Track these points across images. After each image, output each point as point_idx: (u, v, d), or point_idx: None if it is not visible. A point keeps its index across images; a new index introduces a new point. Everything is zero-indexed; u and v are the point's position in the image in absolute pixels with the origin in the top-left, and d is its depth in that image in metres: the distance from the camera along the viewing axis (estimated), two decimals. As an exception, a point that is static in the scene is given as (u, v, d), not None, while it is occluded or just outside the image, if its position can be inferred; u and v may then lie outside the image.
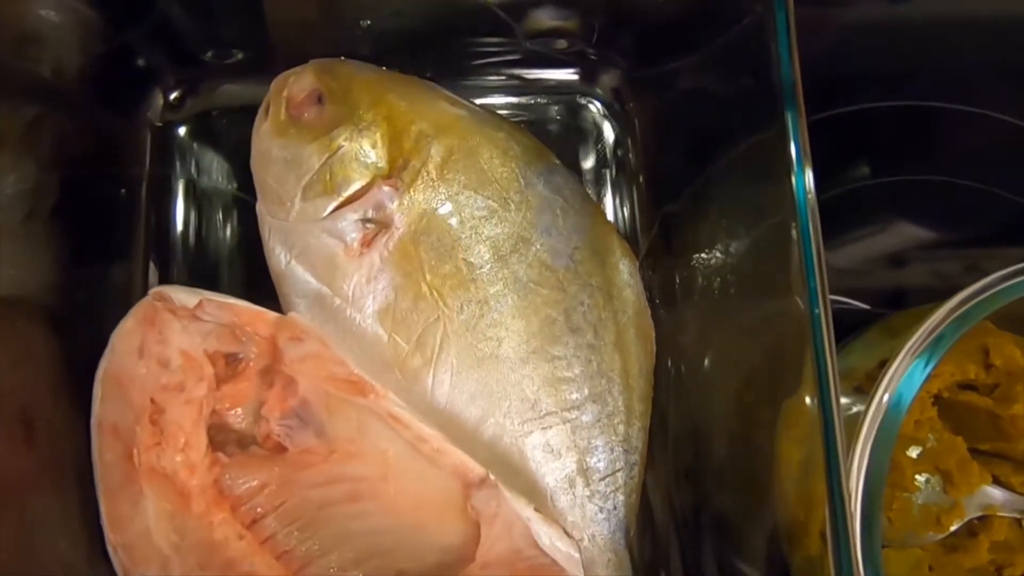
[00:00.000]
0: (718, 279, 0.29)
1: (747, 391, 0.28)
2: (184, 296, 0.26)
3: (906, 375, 0.24)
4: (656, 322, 0.31)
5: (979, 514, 0.26)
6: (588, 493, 0.29)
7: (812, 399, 0.22)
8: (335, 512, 0.28)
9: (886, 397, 0.24)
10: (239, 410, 0.29)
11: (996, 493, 0.26)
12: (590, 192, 0.33)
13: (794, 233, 0.22)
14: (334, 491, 0.28)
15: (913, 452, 0.27)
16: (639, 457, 0.30)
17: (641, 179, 0.34)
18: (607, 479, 0.29)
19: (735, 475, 0.29)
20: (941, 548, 0.28)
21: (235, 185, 0.32)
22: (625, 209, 0.34)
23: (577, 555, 0.26)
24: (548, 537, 0.26)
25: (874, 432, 0.24)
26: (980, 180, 0.37)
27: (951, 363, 0.27)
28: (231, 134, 0.32)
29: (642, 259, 0.33)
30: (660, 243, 0.34)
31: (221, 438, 0.29)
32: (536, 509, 0.25)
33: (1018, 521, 0.28)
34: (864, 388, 0.29)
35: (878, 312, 0.36)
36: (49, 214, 0.30)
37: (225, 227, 0.32)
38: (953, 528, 0.26)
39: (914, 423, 0.28)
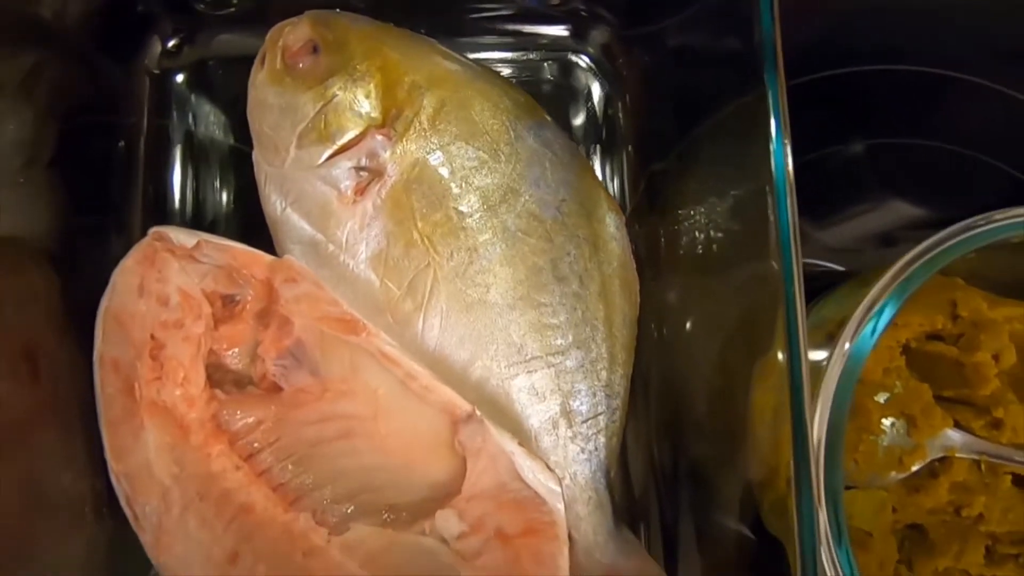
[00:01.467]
0: (701, 237, 0.30)
1: (726, 346, 0.29)
2: (183, 237, 0.26)
3: (867, 324, 0.25)
4: (640, 277, 0.32)
5: (940, 455, 0.27)
6: (570, 435, 0.30)
7: (782, 351, 0.23)
8: (328, 449, 0.29)
9: (847, 345, 0.25)
10: (236, 351, 0.30)
11: (956, 436, 0.27)
12: (579, 149, 0.34)
13: (770, 197, 0.23)
14: (327, 429, 0.29)
15: (881, 398, 0.28)
16: (621, 403, 0.31)
17: (629, 137, 0.34)
18: (589, 422, 0.30)
19: (712, 425, 0.30)
20: (904, 490, 0.30)
21: (232, 134, 0.33)
22: (613, 166, 0.34)
23: (558, 488, 0.27)
24: (531, 471, 0.27)
25: (836, 378, 0.25)
26: (974, 151, 0.37)
27: (920, 314, 0.28)
28: (228, 84, 0.32)
29: (628, 216, 0.33)
30: (646, 201, 0.35)
31: (218, 377, 0.30)
32: (519, 444, 0.27)
33: (977, 464, 0.29)
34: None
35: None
36: (48, 162, 0.31)
37: (222, 176, 0.33)
38: (915, 468, 0.27)
39: (883, 371, 0.29)
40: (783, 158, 0.22)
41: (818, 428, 0.24)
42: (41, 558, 0.28)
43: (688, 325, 0.31)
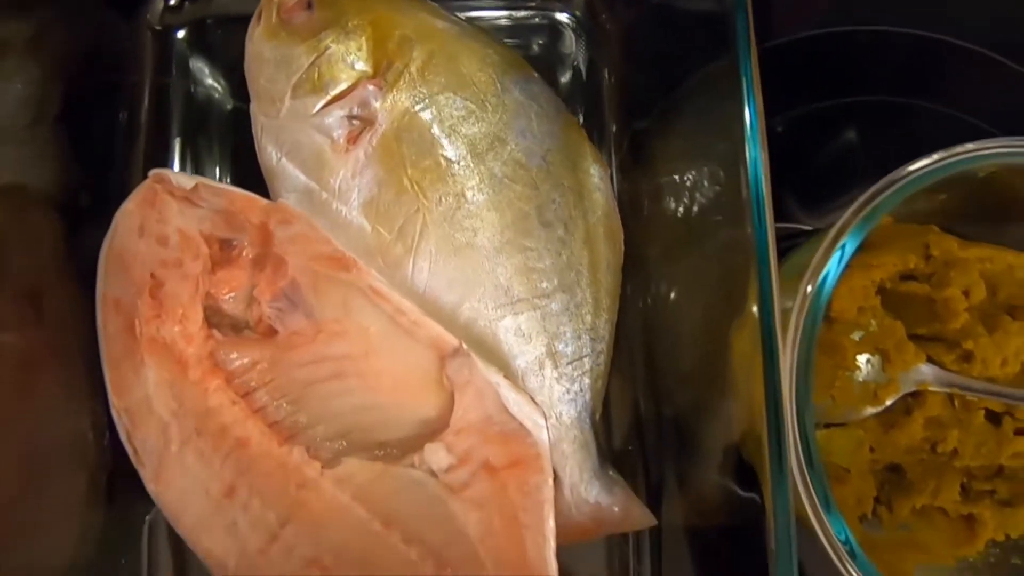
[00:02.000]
0: (683, 193, 0.31)
1: (707, 298, 0.29)
2: (182, 179, 0.27)
3: (831, 260, 0.25)
4: (625, 229, 0.32)
5: (913, 389, 0.28)
6: (556, 375, 0.31)
7: (756, 299, 0.24)
8: (321, 389, 0.30)
9: (809, 288, 0.26)
10: (233, 296, 0.30)
11: (929, 370, 0.28)
12: (564, 106, 0.35)
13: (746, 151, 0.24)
14: (321, 369, 0.30)
15: (856, 336, 0.29)
16: (605, 347, 0.32)
17: (614, 95, 0.35)
18: (574, 363, 0.31)
19: (695, 374, 0.31)
20: (880, 428, 0.30)
21: (230, 91, 0.34)
22: (597, 124, 0.35)
23: (542, 421, 0.28)
24: (516, 403, 0.27)
25: (804, 311, 0.26)
26: (954, 110, 0.38)
27: (894, 255, 0.29)
28: (227, 41, 0.33)
29: (613, 171, 0.34)
30: (630, 157, 0.36)
31: (216, 322, 0.30)
32: (505, 377, 0.27)
33: (950, 399, 0.30)
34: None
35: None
36: (54, 119, 0.32)
37: (220, 132, 0.34)
38: (889, 402, 0.28)
39: (857, 310, 0.29)
40: (755, 118, 0.23)
41: (788, 360, 0.25)
42: (45, 493, 0.30)
43: (670, 277, 0.32)
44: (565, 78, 0.35)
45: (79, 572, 0.29)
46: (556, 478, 0.31)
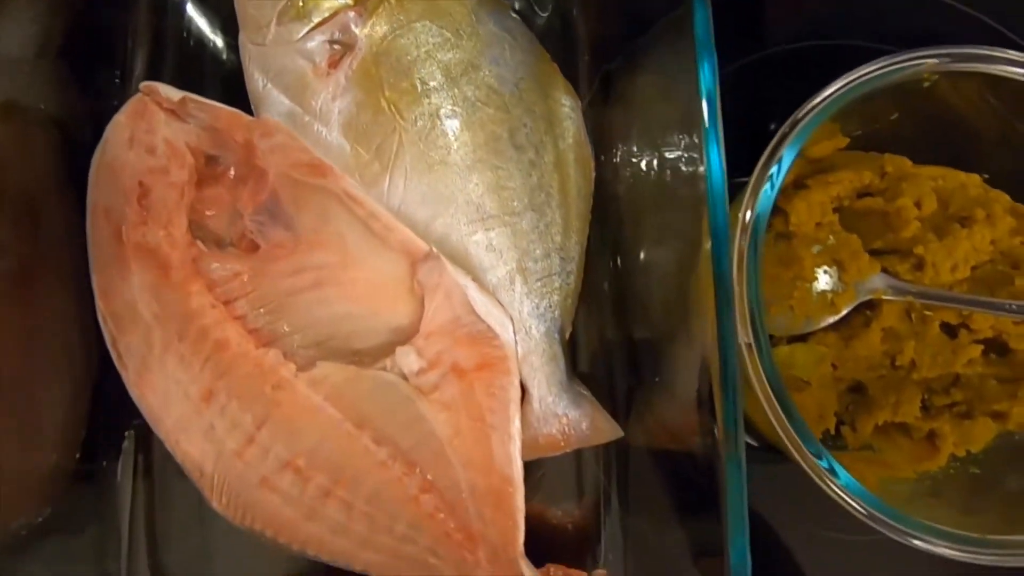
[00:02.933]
0: (648, 131, 0.32)
1: (673, 228, 0.31)
2: (170, 91, 0.28)
3: (771, 169, 0.26)
4: (596, 163, 0.33)
5: (868, 297, 0.28)
6: (526, 291, 0.31)
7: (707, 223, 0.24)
8: (301, 299, 0.31)
9: (748, 215, 0.27)
10: (218, 213, 0.32)
11: (883, 279, 0.28)
12: (538, 41, 0.35)
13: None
14: (300, 280, 0.31)
15: (815, 249, 0.30)
16: (576, 268, 0.33)
17: (585, 40, 0.36)
18: (543, 280, 0.32)
19: (662, 300, 0.32)
20: (841, 342, 0.31)
21: (221, 27, 0.35)
22: (569, 64, 0.36)
23: (509, 323, 0.29)
24: (483, 305, 0.28)
25: (752, 219, 0.26)
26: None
27: (850, 171, 0.30)
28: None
29: (584, 108, 0.35)
30: (600, 95, 0.37)
31: (201, 237, 0.32)
32: (473, 280, 0.28)
33: (907, 314, 0.30)
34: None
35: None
36: (57, 53, 0.34)
37: (212, 69, 0.35)
38: (845, 310, 0.29)
39: (816, 225, 0.30)
40: (710, 70, 0.24)
41: (736, 259, 0.26)
42: (34, 401, 0.31)
43: (639, 209, 0.33)
44: (540, 21, 0.37)
45: (62, 476, 0.30)
46: (525, 391, 0.32)
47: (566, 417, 0.31)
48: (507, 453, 0.27)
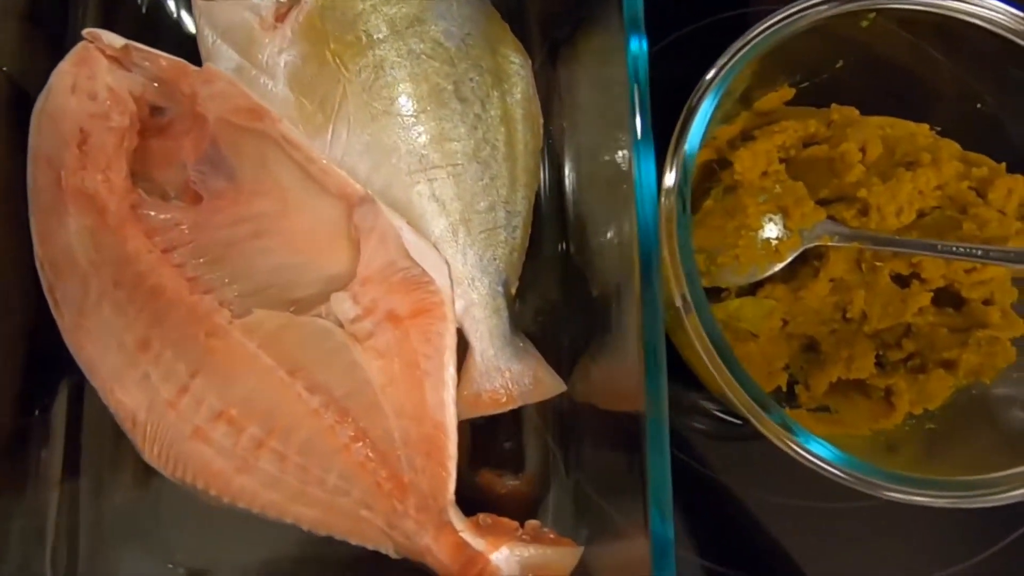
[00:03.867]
0: (593, 96, 0.32)
1: (619, 188, 0.30)
2: (113, 38, 0.28)
3: (696, 115, 0.25)
4: (546, 125, 0.33)
5: (814, 244, 0.27)
6: (469, 242, 0.31)
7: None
8: (240, 249, 0.30)
9: (673, 171, 0.26)
10: (164, 165, 0.32)
11: (828, 225, 0.27)
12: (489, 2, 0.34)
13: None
14: (240, 230, 0.30)
15: (760, 198, 0.29)
16: (522, 222, 0.32)
17: (534, 12, 0.36)
18: (488, 232, 0.31)
19: (609, 255, 0.31)
20: (791, 295, 0.30)
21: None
22: (520, 28, 0.35)
23: (444, 266, 0.28)
24: (417, 247, 0.27)
25: (680, 165, 0.26)
26: None
27: (795, 120, 0.29)
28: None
29: (536, 68, 0.35)
30: (549, 61, 0.36)
31: (147, 189, 0.32)
32: (408, 223, 0.28)
33: (858, 263, 0.29)
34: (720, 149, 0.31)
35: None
36: (19, 16, 0.34)
37: (170, 31, 0.35)
38: (790, 256, 0.28)
39: (762, 175, 0.30)
40: (637, 49, 0.23)
41: (664, 219, 0.25)
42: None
43: (588, 169, 0.33)
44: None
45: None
46: (467, 344, 0.31)
47: (508, 371, 0.30)
48: (440, 399, 0.26)
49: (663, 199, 0.25)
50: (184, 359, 0.28)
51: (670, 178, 0.25)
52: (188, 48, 0.32)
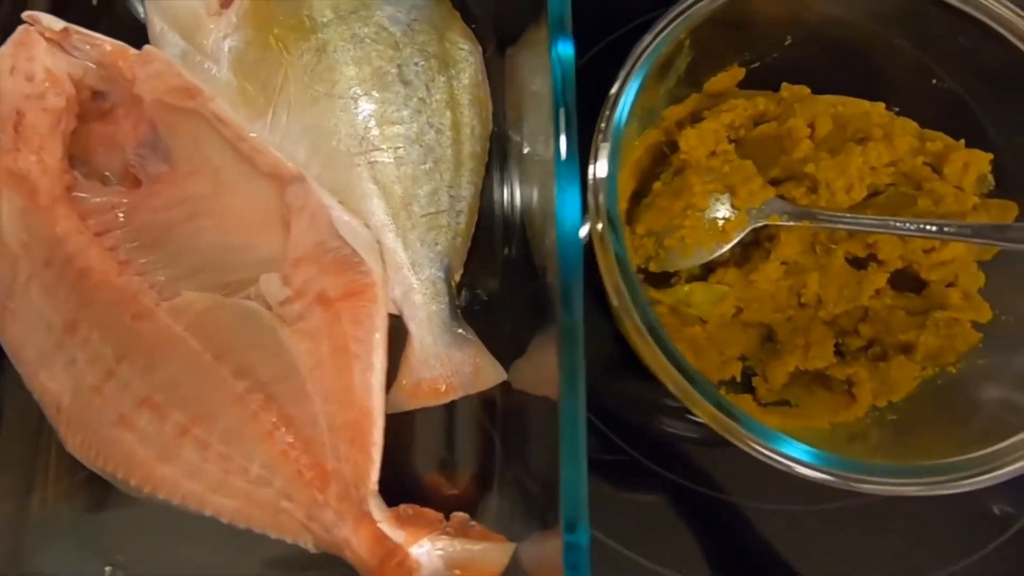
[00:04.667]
0: (537, 85, 0.31)
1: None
2: (52, 21, 0.28)
3: (622, 97, 0.24)
4: (497, 107, 0.32)
5: (762, 223, 0.26)
6: (410, 225, 0.30)
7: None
8: (175, 232, 0.29)
9: (602, 159, 0.24)
10: (105, 149, 0.31)
11: (777, 203, 0.26)
12: None
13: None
14: (175, 213, 0.29)
15: (707, 178, 0.28)
16: (467, 208, 0.31)
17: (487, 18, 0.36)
18: (430, 216, 0.30)
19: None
20: (743, 280, 0.28)
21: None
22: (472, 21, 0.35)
23: (376, 244, 0.27)
24: (348, 227, 0.26)
25: (608, 148, 0.24)
26: None
27: (744, 99, 0.28)
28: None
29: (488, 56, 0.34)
30: (500, 51, 0.36)
31: (87, 173, 0.31)
32: (340, 202, 0.27)
33: (812, 245, 0.28)
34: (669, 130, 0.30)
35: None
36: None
37: (121, 23, 0.35)
38: (737, 236, 0.26)
39: (711, 155, 0.28)
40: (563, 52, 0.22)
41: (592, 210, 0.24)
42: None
43: (530, 157, 0.32)
44: None
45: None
46: (407, 331, 0.30)
47: (448, 360, 0.28)
48: (367, 384, 0.25)
49: (592, 186, 0.24)
50: (110, 342, 0.27)
51: (602, 166, 0.24)
52: (142, 38, 0.32)
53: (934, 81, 0.26)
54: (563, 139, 0.20)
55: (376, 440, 0.24)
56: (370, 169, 0.29)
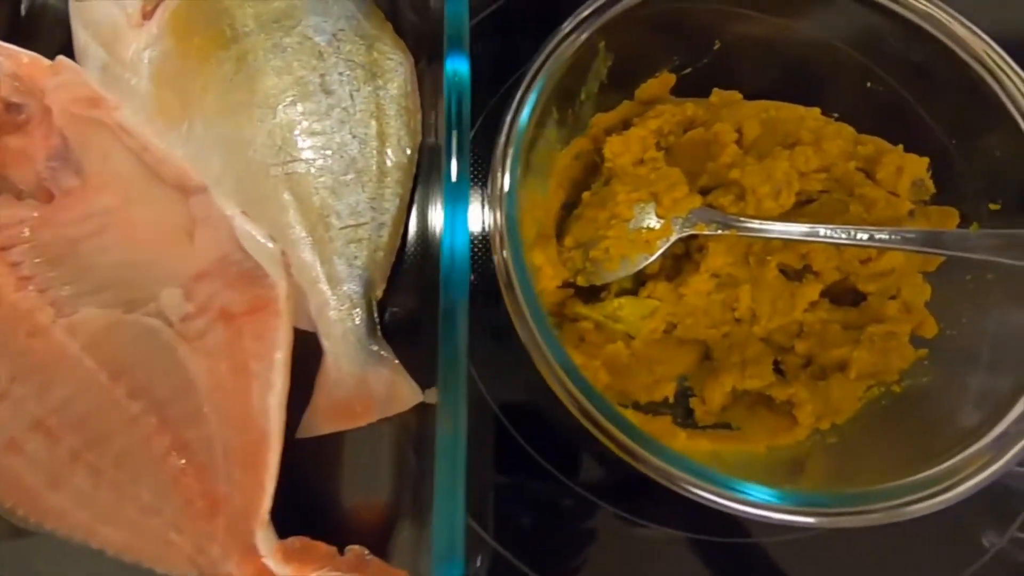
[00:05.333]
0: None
1: None
2: None
3: (526, 102, 0.23)
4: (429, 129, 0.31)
5: (688, 233, 0.24)
6: (328, 238, 0.28)
7: None
8: (83, 247, 0.28)
9: (503, 176, 0.23)
10: (20, 163, 0.31)
11: (703, 212, 0.24)
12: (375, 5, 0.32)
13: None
14: (84, 228, 0.28)
15: (632, 186, 0.26)
16: (390, 220, 0.30)
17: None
18: (349, 229, 0.28)
19: None
20: (674, 294, 0.26)
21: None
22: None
23: (281, 256, 0.25)
24: (251, 238, 0.25)
25: (510, 153, 0.23)
26: None
27: (671, 104, 0.27)
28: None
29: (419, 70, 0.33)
30: (435, 61, 0.35)
31: (1, 188, 0.30)
32: (243, 213, 0.26)
33: (745, 256, 0.26)
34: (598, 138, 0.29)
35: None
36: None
37: (47, 37, 0.35)
38: (662, 246, 0.24)
39: (637, 162, 0.27)
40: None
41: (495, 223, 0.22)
42: None
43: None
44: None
45: None
46: (321, 349, 0.28)
47: (363, 380, 0.27)
48: (265, 404, 0.23)
49: (491, 198, 0.22)
50: (4, 361, 0.25)
51: (505, 178, 0.22)
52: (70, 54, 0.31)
53: (869, 84, 0.25)
54: (454, 161, 0.19)
55: (270, 466, 0.22)
56: (287, 180, 0.28)
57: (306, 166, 0.28)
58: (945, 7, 0.24)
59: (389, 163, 0.29)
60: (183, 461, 0.23)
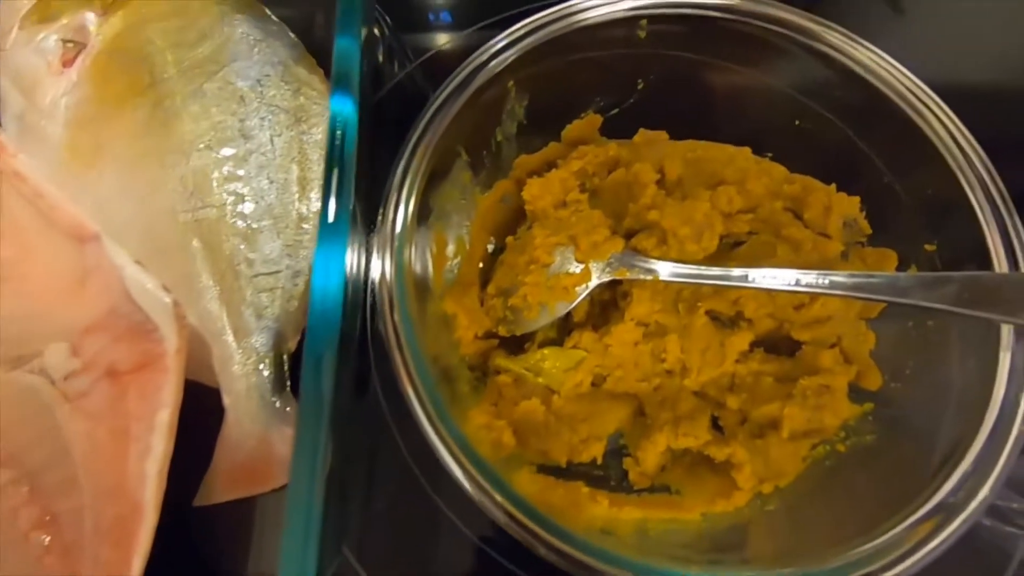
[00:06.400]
0: None
1: None
2: None
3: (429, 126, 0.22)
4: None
5: (608, 278, 0.22)
6: (237, 287, 0.26)
7: None
8: None
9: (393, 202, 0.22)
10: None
11: (627, 256, 0.22)
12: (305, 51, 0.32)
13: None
14: None
15: (551, 230, 0.24)
16: (307, 267, 0.28)
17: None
18: (262, 277, 0.26)
19: None
20: (600, 345, 0.24)
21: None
22: None
23: (172, 306, 0.23)
24: (141, 289, 0.23)
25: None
26: None
27: (595, 145, 0.26)
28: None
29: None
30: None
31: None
32: (137, 262, 0.24)
33: (675, 304, 0.24)
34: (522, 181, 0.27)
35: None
36: None
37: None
38: (582, 292, 0.22)
39: (560, 205, 0.25)
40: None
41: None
42: None
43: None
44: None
45: None
46: (224, 407, 0.26)
47: (265, 441, 0.24)
48: (142, 470, 0.21)
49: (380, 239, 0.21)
50: None
51: (397, 217, 0.21)
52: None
53: (801, 124, 0.24)
54: (332, 200, 0.18)
55: (141, 544, 0.20)
56: (196, 227, 0.26)
57: (218, 212, 0.26)
58: (876, 50, 0.23)
59: (310, 210, 0.28)
60: (48, 538, 0.21)
